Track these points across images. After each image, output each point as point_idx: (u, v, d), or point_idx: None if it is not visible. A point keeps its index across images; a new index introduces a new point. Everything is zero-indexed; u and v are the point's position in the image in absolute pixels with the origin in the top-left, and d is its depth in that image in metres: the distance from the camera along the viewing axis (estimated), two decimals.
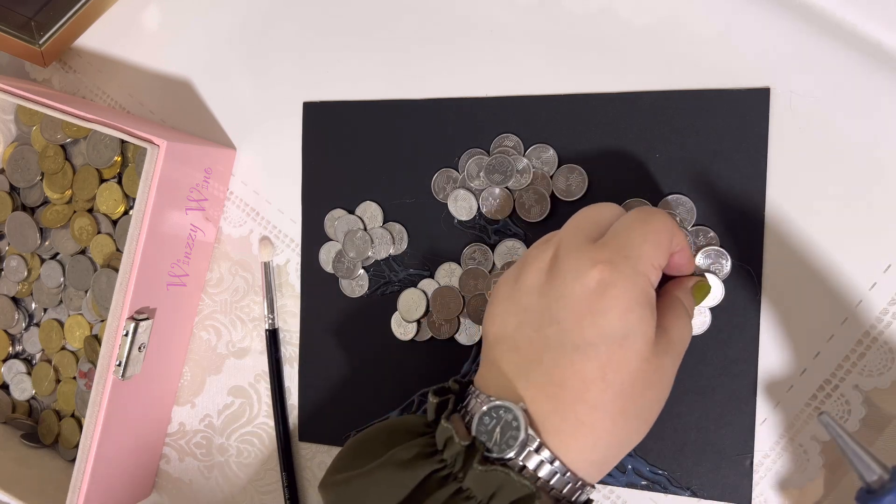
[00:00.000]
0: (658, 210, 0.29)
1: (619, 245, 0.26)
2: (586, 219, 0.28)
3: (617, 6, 0.35)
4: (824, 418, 0.28)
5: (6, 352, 0.47)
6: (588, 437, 0.25)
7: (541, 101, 0.37)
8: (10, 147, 0.47)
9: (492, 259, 0.37)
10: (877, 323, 0.31)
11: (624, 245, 0.26)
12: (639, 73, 0.35)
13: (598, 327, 0.25)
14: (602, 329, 0.25)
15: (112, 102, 0.47)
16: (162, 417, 0.43)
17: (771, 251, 0.33)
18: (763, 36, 0.33)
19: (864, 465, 0.27)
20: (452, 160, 0.38)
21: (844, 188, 0.32)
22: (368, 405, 0.39)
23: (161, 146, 0.36)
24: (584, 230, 0.28)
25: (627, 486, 0.35)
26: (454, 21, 0.38)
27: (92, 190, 0.44)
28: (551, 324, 0.26)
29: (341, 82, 0.41)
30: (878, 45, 0.32)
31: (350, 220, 0.40)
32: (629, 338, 0.25)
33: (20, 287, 0.47)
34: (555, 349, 0.25)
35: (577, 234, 0.27)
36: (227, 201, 0.44)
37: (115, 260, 0.43)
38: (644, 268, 0.26)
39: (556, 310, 0.26)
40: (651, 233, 0.27)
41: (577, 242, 0.27)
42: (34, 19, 0.44)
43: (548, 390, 0.25)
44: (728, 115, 0.33)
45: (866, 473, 0.27)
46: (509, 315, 0.28)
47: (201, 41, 0.44)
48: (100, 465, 0.38)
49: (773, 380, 0.33)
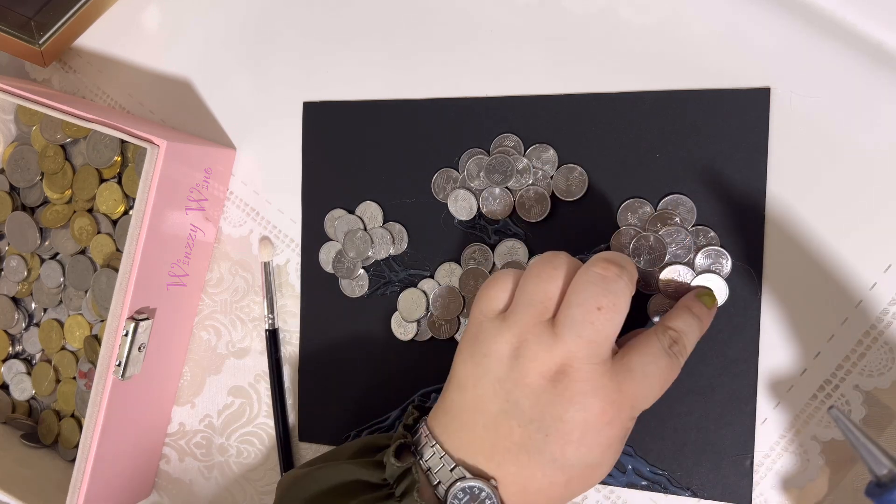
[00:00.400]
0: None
1: (634, 394, 0.28)
2: (601, 332, 0.27)
3: (617, 6, 0.35)
4: (834, 412, 0.28)
5: (6, 352, 0.47)
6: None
7: (541, 101, 0.37)
8: (10, 147, 0.47)
9: (492, 259, 0.37)
10: (877, 323, 0.31)
11: (636, 396, 0.28)
12: (639, 73, 0.35)
13: (581, 456, 0.28)
14: (584, 458, 0.28)
15: (112, 102, 0.47)
16: (162, 417, 0.43)
17: (771, 251, 0.33)
18: (763, 36, 0.33)
19: (873, 459, 0.27)
20: (452, 160, 0.38)
21: (844, 188, 0.32)
22: (368, 405, 0.39)
23: (161, 146, 0.36)
24: (598, 343, 0.27)
25: (627, 486, 0.35)
26: (454, 21, 0.38)
27: (92, 190, 0.44)
28: (539, 430, 0.28)
29: (341, 82, 0.41)
30: (878, 45, 0.32)
31: (350, 220, 0.40)
32: (602, 466, 0.29)
33: (20, 287, 0.47)
34: (534, 454, 0.28)
35: (597, 351, 0.27)
36: (227, 201, 0.44)
37: (115, 260, 0.43)
38: (636, 413, 0.29)
39: (549, 422, 0.27)
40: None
41: (593, 368, 0.27)
42: (34, 19, 0.44)
43: (516, 480, 0.28)
44: (728, 115, 0.33)
45: (876, 467, 0.27)
46: (497, 397, 0.28)
47: (201, 41, 0.44)
48: (100, 465, 0.38)
49: (773, 380, 0.33)
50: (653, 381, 0.28)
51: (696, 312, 0.31)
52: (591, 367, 0.27)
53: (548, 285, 0.28)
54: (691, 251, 0.34)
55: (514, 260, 0.36)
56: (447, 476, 0.29)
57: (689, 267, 0.34)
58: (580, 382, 0.27)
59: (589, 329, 0.27)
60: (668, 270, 0.34)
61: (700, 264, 0.33)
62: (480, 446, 0.29)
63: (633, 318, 0.35)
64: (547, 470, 0.28)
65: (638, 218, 0.35)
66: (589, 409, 0.27)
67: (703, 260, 0.33)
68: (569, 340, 0.27)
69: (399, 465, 0.29)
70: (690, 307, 0.31)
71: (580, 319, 0.27)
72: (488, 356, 0.29)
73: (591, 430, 0.27)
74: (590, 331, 0.27)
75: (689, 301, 0.32)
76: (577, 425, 0.27)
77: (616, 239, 0.35)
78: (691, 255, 0.34)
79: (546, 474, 0.28)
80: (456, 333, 0.38)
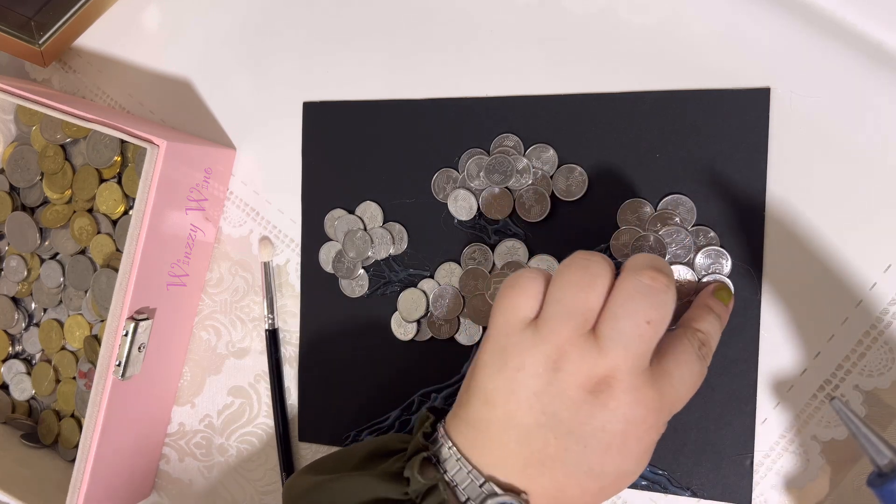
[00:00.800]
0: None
1: (672, 400, 0.28)
2: (650, 345, 0.27)
3: (617, 6, 0.35)
4: (836, 403, 0.28)
5: (6, 352, 0.47)
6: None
7: (541, 101, 0.37)
8: (10, 147, 0.47)
9: (492, 259, 0.37)
10: (877, 323, 0.31)
11: (673, 402, 0.28)
12: (639, 73, 0.35)
13: (617, 465, 0.27)
14: (620, 466, 0.27)
15: (112, 102, 0.47)
16: (162, 417, 0.43)
17: (771, 251, 0.33)
18: (763, 36, 0.33)
19: (875, 450, 0.27)
20: (452, 160, 0.38)
21: (844, 188, 0.32)
22: (368, 405, 0.39)
23: (161, 146, 0.36)
24: (644, 355, 0.27)
25: None
26: (454, 21, 0.38)
27: (92, 190, 0.44)
28: (577, 442, 0.27)
29: (341, 82, 0.41)
30: (878, 46, 0.32)
31: (350, 220, 0.40)
32: (635, 473, 0.28)
33: (20, 287, 0.47)
34: (571, 465, 0.27)
35: (641, 363, 0.27)
36: (227, 201, 0.43)
37: (114, 260, 0.43)
38: (670, 417, 0.28)
39: (587, 434, 0.27)
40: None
41: (635, 378, 0.26)
42: (34, 19, 0.44)
43: (548, 492, 0.27)
44: (728, 115, 0.33)
45: (878, 457, 0.27)
46: (532, 410, 0.27)
47: (201, 41, 0.44)
48: (100, 465, 0.38)
49: (773, 380, 0.33)
50: (688, 385, 0.28)
51: (718, 311, 0.31)
52: (633, 378, 0.26)
53: (588, 295, 0.27)
54: (691, 251, 0.34)
55: (514, 260, 0.36)
56: (476, 492, 0.27)
57: (689, 267, 0.34)
58: (624, 393, 0.26)
59: (637, 343, 0.26)
60: None
61: (700, 264, 0.33)
62: (513, 460, 0.27)
63: None
64: (581, 479, 0.27)
65: (638, 218, 0.35)
66: (632, 419, 0.26)
67: (703, 260, 0.33)
68: (616, 354, 0.26)
69: (424, 481, 0.28)
70: (712, 307, 0.31)
71: (629, 333, 0.26)
72: (522, 370, 0.27)
73: (631, 439, 0.27)
74: (638, 344, 0.26)
75: (708, 300, 0.31)
76: (618, 435, 0.26)
77: (616, 239, 0.35)
78: (691, 255, 0.34)
79: (580, 483, 0.27)
80: (456, 333, 0.38)
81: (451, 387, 0.38)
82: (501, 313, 0.28)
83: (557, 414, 0.27)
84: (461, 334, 0.38)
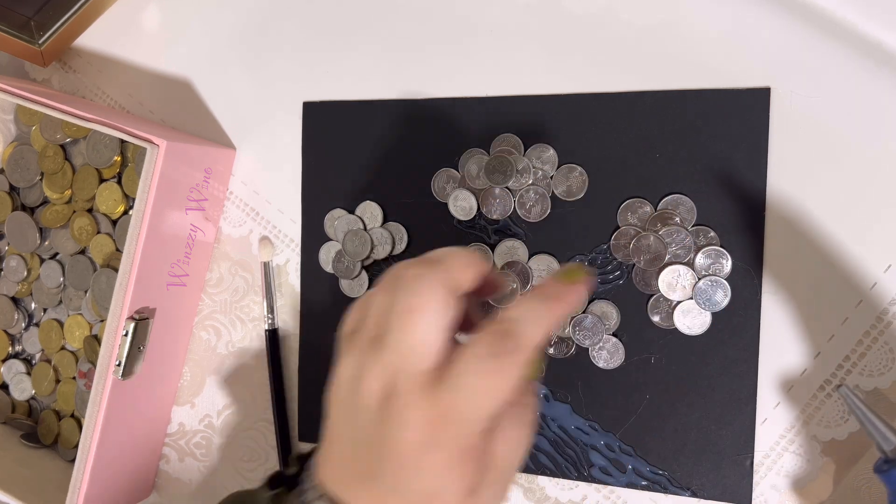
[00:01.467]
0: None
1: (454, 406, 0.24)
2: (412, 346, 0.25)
3: (617, 6, 0.35)
4: (843, 390, 0.29)
5: (6, 352, 0.47)
6: None
7: (541, 101, 0.37)
8: (10, 147, 0.47)
9: (492, 259, 0.37)
10: (877, 322, 0.31)
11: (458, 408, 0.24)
12: (639, 73, 0.35)
13: (415, 481, 0.25)
14: (419, 484, 0.25)
15: (112, 102, 0.47)
16: (162, 417, 0.43)
17: (771, 251, 0.33)
18: (763, 36, 0.33)
19: (881, 436, 0.28)
20: (452, 160, 0.38)
21: (844, 188, 0.32)
22: None
23: (161, 146, 0.36)
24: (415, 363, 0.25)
25: (627, 486, 0.35)
26: (454, 21, 0.38)
27: (92, 190, 0.44)
28: (377, 458, 0.25)
29: (341, 82, 0.41)
30: (878, 45, 0.32)
31: (350, 220, 0.40)
32: (439, 495, 0.25)
33: (20, 287, 0.47)
34: (377, 481, 0.25)
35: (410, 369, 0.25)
36: (227, 201, 0.43)
37: (114, 260, 0.43)
38: (472, 428, 0.24)
39: (379, 446, 0.25)
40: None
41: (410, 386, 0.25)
42: (34, 19, 0.44)
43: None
44: (728, 115, 0.33)
45: (884, 443, 0.28)
46: (346, 425, 0.26)
47: (201, 41, 0.44)
48: (100, 465, 0.38)
49: (773, 379, 0.33)
50: (476, 389, 0.24)
51: (547, 293, 0.26)
52: (410, 382, 0.24)
53: (369, 300, 0.27)
54: (691, 251, 0.34)
55: (514, 260, 0.36)
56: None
57: (689, 267, 0.34)
58: (398, 399, 0.24)
59: (397, 336, 0.24)
60: (668, 270, 0.34)
61: (700, 264, 0.33)
62: (341, 475, 0.26)
63: (633, 317, 0.35)
64: (391, 499, 0.25)
65: (638, 218, 0.35)
66: (409, 430, 0.24)
67: (703, 260, 0.33)
68: (386, 353, 0.25)
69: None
70: (541, 289, 0.26)
71: (393, 328, 0.25)
72: (336, 381, 0.26)
73: (414, 454, 0.24)
74: (397, 338, 0.24)
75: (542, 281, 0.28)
76: (403, 448, 0.24)
77: (616, 239, 0.35)
78: (691, 255, 0.34)
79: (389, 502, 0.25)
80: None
81: None
82: None
83: (360, 426, 0.26)
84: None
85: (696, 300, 0.34)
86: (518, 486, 0.37)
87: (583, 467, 0.35)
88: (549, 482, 0.36)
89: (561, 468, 0.36)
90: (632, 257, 0.34)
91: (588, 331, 0.35)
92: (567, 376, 0.36)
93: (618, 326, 0.35)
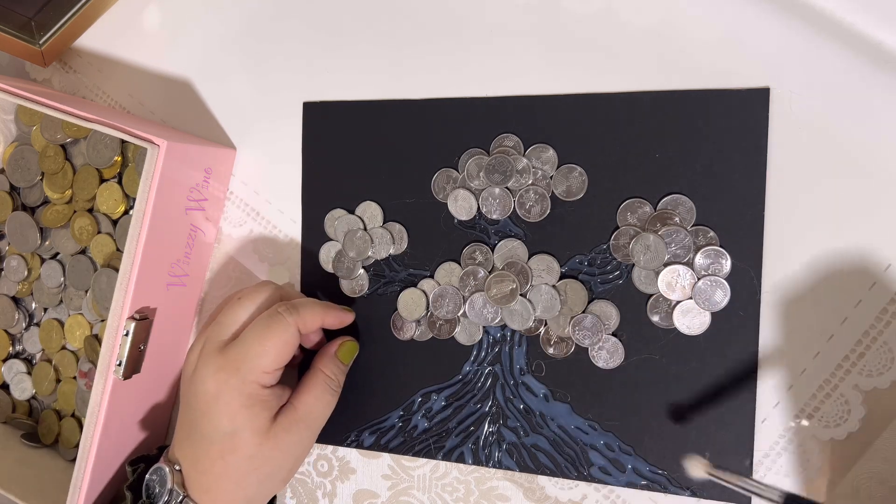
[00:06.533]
0: (279, 319, 0.34)
1: (236, 356, 0.33)
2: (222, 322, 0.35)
3: (617, 7, 0.35)
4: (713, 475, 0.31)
5: (6, 352, 0.47)
6: (221, 494, 0.33)
7: (541, 101, 0.37)
8: (10, 147, 0.47)
9: (492, 259, 0.37)
10: (876, 322, 0.31)
11: (239, 357, 0.33)
12: (639, 73, 0.35)
13: (213, 425, 0.33)
14: (216, 427, 0.33)
15: (112, 102, 0.47)
16: (162, 417, 0.43)
17: (771, 251, 0.33)
18: (763, 36, 0.33)
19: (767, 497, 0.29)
20: (452, 160, 0.38)
21: (844, 188, 0.32)
22: (368, 405, 0.39)
23: (161, 146, 0.36)
24: (220, 334, 0.35)
25: (627, 485, 0.35)
26: (454, 21, 0.38)
27: (92, 190, 0.44)
28: (189, 412, 0.34)
29: (341, 82, 0.41)
30: (878, 45, 0.32)
31: (350, 220, 0.40)
32: (238, 433, 0.33)
33: (20, 287, 0.47)
34: (194, 431, 0.34)
35: (214, 338, 0.34)
36: (227, 201, 0.44)
37: (115, 260, 0.43)
38: (254, 376, 0.33)
39: (193, 402, 0.34)
40: (266, 345, 0.33)
41: (210, 349, 0.34)
42: (34, 19, 0.45)
43: (192, 459, 0.34)
44: (728, 115, 0.33)
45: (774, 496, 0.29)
46: (183, 398, 0.36)
47: (202, 41, 0.44)
48: (100, 464, 0.38)
49: (773, 379, 0.33)
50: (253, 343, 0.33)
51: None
52: (210, 346, 0.34)
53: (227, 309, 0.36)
54: (691, 251, 0.34)
55: (514, 260, 0.36)
56: None
57: (689, 267, 0.34)
58: (202, 360, 0.34)
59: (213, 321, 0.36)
60: (668, 270, 0.34)
61: (700, 264, 0.34)
62: (178, 439, 0.35)
63: (633, 317, 0.35)
64: (202, 445, 0.33)
65: (638, 218, 0.35)
66: (207, 382, 0.33)
67: (702, 260, 0.34)
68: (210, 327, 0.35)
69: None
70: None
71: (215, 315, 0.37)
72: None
73: (212, 401, 0.33)
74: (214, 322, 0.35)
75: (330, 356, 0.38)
76: (203, 398, 0.33)
77: (616, 239, 0.35)
78: (691, 255, 0.34)
79: (205, 450, 0.33)
80: (456, 333, 0.38)
81: (451, 387, 0.38)
82: None
83: (185, 391, 0.35)
84: (461, 334, 0.38)
85: (695, 300, 0.34)
86: (518, 485, 0.37)
87: (582, 467, 0.35)
88: (548, 482, 0.36)
89: (560, 468, 0.36)
90: (631, 257, 0.34)
91: (588, 330, 0.35)
92: (567, 376, 0.36)
93: (617, 326, 0.35)
